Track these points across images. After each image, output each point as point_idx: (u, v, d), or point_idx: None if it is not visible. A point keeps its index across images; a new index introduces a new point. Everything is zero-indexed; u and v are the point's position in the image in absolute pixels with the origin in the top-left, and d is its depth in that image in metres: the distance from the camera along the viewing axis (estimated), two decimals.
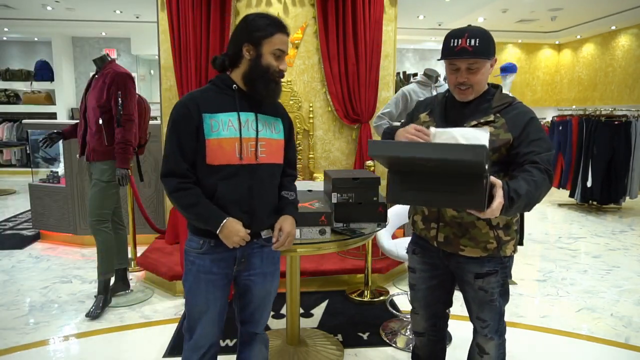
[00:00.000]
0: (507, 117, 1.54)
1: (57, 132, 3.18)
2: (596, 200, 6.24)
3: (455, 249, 1.64)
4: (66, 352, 2.58)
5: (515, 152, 1.51)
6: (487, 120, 1.55)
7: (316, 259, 3.53)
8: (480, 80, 1.57)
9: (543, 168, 1.45)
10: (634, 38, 8.17)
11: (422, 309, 1.84)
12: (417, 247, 1.81)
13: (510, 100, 1.60)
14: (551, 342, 2.73)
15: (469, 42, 1.50)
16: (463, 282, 1.71)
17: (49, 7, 7.38)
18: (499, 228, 1.60)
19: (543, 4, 7.29)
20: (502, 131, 1.53)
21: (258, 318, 1.79)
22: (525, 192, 1.37)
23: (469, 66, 1.53)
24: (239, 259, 1.63)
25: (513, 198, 1.35)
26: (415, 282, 1.83)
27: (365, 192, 2.15)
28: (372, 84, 3.89)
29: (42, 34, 9.03)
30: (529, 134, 1.50)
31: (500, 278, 1.65)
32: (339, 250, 2.83)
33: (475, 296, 1.69)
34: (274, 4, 3.85)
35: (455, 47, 1.53)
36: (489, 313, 1.69)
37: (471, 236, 1.60)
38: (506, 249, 1.63)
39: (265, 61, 1.54)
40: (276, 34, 1.54)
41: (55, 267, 3.90)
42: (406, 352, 2.56)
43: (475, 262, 1.64)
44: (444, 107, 1.69)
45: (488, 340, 1.72)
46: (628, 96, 8.29)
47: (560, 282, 3.70)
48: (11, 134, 8.80)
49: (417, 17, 8.07)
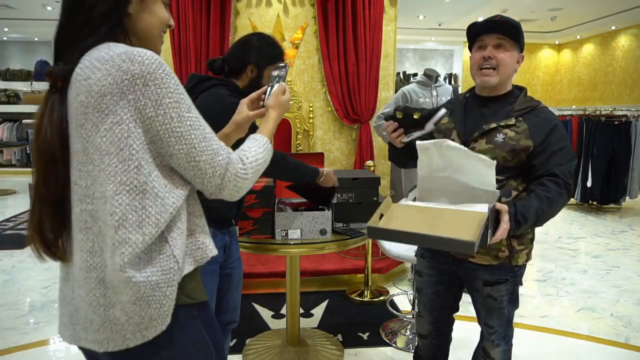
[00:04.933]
0: (530, 122, 1.47)
1: None
2: (596, 200, 6.24)
3: (465, 255, 1.60)
4: (66, 352, 2.58)
5: (533, 163, 1.46)
6: (507, 124, 1.49)
7: (316, 259, 3.53)
8: (506, 63, 1.49)
9: (562, 182, 1.42)
10: (634, 38, 8.17)
11: (428, 313, 1.81)
12: (426, 251, 1.77)
13: (535, 105, 1.52)
14: (551, 342, 2.73)
15: (499, 19, 1.49)
16: (472, 288, 1.68)
17: (49, 7, 7.38)
18: (513, 237, 1.54)
19: (543, 4, 7.29)
20: (523, 137, 1.46)
21: (234, 305, 1.83)
22: (534, 212, 1.35)
23: (498, 42, 1.49)
24: (227, 246, 1.71)
25: (519, 221, 1.34)
26: (422, 286, 1.79)
27: (365, 192, 2.15)
28: (372, 84, 3.89)
29: (42, 34, 9.04)
30: (550, 144, 1.45)
31: (510, 286, 1.61)
32: (339, 250, 2.83)
33: (483, 303, 1.65)
34: (274, 4, 3.85)
35: (484, 24, 1.51)
36: (497, 320, 1.65)
37: None
38: (518, 258, 1.57)
39: (263, 83, 1.67)
40: (277, 63, 1.68)
41: (56, 267, 3.88)
42: (406, 352, 2.56)
43: (485, 269, 1.59)
44: (464, 107, 1.63)
45: (494, 346, 1.70)
46: (628, 96, 8.29)
47: (560, 282, 3.70)
48: (11, 134, 8.81)
49: (417, 17, 8.08)
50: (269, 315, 2.99)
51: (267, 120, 1.16)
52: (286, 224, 1.98)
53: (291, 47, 3.88)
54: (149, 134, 0.88)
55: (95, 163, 0.86)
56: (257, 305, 3.12)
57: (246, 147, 1.02)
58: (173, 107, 0.88)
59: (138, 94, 0.85)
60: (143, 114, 0.86)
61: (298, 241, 2.00)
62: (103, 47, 0.89)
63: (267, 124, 1.14)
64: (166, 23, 1.03)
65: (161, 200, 0.89)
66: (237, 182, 0.96)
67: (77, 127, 0.87)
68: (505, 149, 1.47)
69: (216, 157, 0.93)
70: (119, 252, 0.85)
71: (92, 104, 0.85)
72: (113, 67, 0.85)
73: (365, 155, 3.91)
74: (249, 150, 1.01)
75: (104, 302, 0.89)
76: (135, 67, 0.85)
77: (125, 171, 0.86)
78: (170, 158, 0.91)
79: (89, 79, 0.85)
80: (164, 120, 0.88)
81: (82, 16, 0.91)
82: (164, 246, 0.92)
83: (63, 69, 0.90)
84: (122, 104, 0.85)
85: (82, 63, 0.88)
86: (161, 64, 0.88)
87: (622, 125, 5.99)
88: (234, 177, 0.96)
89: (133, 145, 0.86)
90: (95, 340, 0.91)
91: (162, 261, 0.91)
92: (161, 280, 0.90)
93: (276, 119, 1.17)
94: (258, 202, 1.95)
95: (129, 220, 0.86)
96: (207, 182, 0.94)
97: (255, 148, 1.03)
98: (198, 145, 0.91)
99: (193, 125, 0.91)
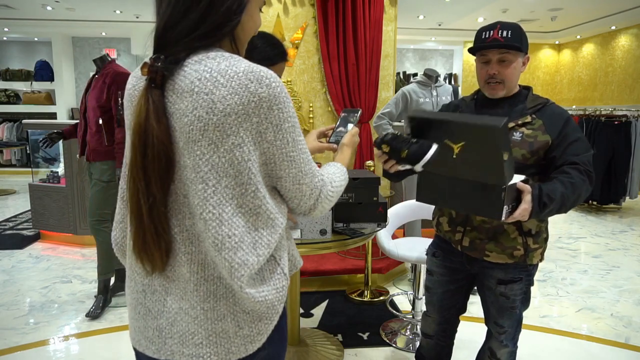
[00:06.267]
0: (544, 117, 1.50)
1: (57, 132, 3.19)
2: (596, 200, 6.24)
3: (480, 254, 1.58)
4: (66, 352, 2.58)
5: (552, 155, 1.47)
6: (524, 122, 1.50)
7: (316, 259, 3.53)
8: (512, 76, 1.53)
9: (583, 169, 1.41)
10: (634, 38, 8.17)
11: (436, 313, 1.79)
12: (438, 249, 1.75)
13: (545, 101, 1.56)
14: (551, 342, 2.73)
15: (500, 33, 1.48)
16: (484, 286, 1.66)
17: (49, 7, 7.38)
18: (529, 235, 1.54)
19: (543, 4, 7.29)
20: (540, 133, 1.48)
21: None
22: (560, 195, 1.34)
23: (501, 57, 1.51)
24: None
25: (545, 203, 1.32)
26: (432, 285, 1.78)
27: (365, 192, 2.15)
28: (372, 84, 3.89)
29: (42, 34, 9.03)
30: (567, 136, 1.46)
31: (523, 286, 1.60)
32: (339, 250, 2.83)
33: (495, 302, 1.63)
34: (274, 4, 3.85)
35: (486, 38, 1.51)
36: (508, 320, 1.64)
37: (498, 242, 1.55)
38: (533, 257, 1.57)
39: None
40: (279, 63, 1.62)
41: (55, 267, 3.90)
42: (406, 352, 2.56)
43: (500, 268, 1.58)
44: (474, 108, 1.63)
45: (502, 346, 1.69)
46: (628, 96, 8.29)
47: (560, 282, 3.70)
48: (11, 134, 8.81)
49: (417, 17, 8.07)
50: None
51: (344, 154, 1.20)
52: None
53: (291, 47, 3.88)
54: (264, 156, 0.87)
55: (209, 183, 0.83)
56: None
57: (332, 172, 1.04)
58: (290, 132, 0.87)
59: (262, 117, 0.83)
60: (263, 137, 0.85)
61: (298, 241, 1.99)
62: (219, 57, 0.84)
63: (344, 157, 1.19)
64: (257, 29, 0.98)
65: (272, 221, 0.89)
66: (325, 203, 0.98)
67: (188, 142, 0.82)
68: (524, 146, 1.48)
69: (314, 179, 0.94)
70: (238, 274, 0.85)
71: (214, 122, 0.80)
72: (240, 86, 0.81)
73: (365, 155, 3.91)
74: (334, 175, 1.03)
75: (213, 315, 0.88)
76: (263, 89, 0.82)
77: (243, 195, 0.85)
78: (278, 180, 0.91)
79: (212, 95, 0.80)
80: (282, 145, 0.87)
81: (197, 13, 0.85)
82: (273, 265, 0.93)
83: (166, 66, 0.84)
84: (245, 126, 0.82)
85: (196, 69, 0.83)
86: (283, 87, 0.86)
87: (622, 125, 5.99)
88: (325, 199, 0.97)
89: (252, 169, 0.85)
90: (194, 355, 0.89)
91: (274, 280, 0.92)
92: (275, 299, 0.92)
93: (350, 156, 1.23)
94: None
95: (245, 242, 0.85)
96: (303, 203, 0.95)
97: (339, 174, 1.05)
98: (304, 169, 0.92)
99: (302, 149, 0.91)
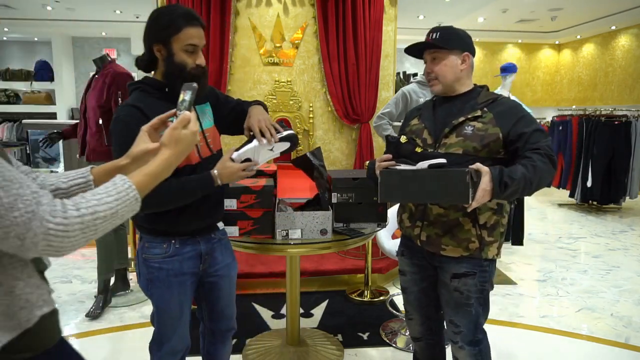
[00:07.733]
0: (495, 111, 1.56)
1: (57, 132, 3.18)
2: (596, 200, 6.25)
3: (437, 248, 1.62)
4: None
5: (514, 147, 1.52)
6: (474, 115, 1.57)
7: (316, 259, 3.53)
8: (443, 72, 1.63)
9: (544, 153, 1.45)
10: (634, 38, 8.17)
11: (416, 312, 1.81)
12: (404, 248, 1.79)
13: (496, 97, 1.63)
14: (551, 342, 2.73)
15: (431, 36, 1.64)
16: (441, 283, 1.68)
17: (49, 7, 7.38)
18: (484, 228, 1.57)
19: (543, 4, 7.29)
20: (490, 126, 1.54)
21: (230, 313, 1.80)
22: (522, 175, 1.38)
23: (432, 56, 1.65)
24: (204, 255, 1.62)
25: (507, 182, 1.35)
26: (407, 285, 1.80)
27: (365, 192, 2.15)
28: (372, 84, 3.89)
29: (42, 34, 9.03)
30: (523, 129, 1.51)
31: (478, 282, 1.61)
32: (339, 250, 2.83)
33: (450, 298, 1.64)
34: (274, 4, 3.85)
35: (417, 46, 1.69)
36: (463, 318, 1.63)
37: (454, 235, 1.59)
38: (488, 252, 1.59)
39: (178, 59, 1.42)
40: (183, 28, 1.40)
41: (55, 267, 3.90)
42: (406, 352, 2.56)
43: (455, 262, 1.61)
44: (432, 108, 1.72)
45: (459, 349, 1.68)
46: (628, 96, 8.29)
47: (560, 282, 3.70)
48: (11, 134, 8.80)
49: (417, 17, 8.07)
50: (269, 315, 2.99)
51: (155, 160, 0.91)
52: (286, 223, 1.98)
53: (291, 47, 3.88)
54: None
55: None
56: (257, 305, 3.12)
57: (88, 196, 0.82)
58: None
59: None
60: None
61: (298, 241, 1.99)
62: None
63: (151, 165, 0.90)
64: None
65: None
66: (51, 241, 0.76)
67: None
68: (475, 139, 1.54)
69: (10, 213, 0.74)
70: None
71: None
72: None
73: (365, 155, 3.91)
74: (87, 201, 0.81)
75: None
76: None
77: None
78: None
79: None
80: None
81: None
82: None
83: None
84: None
85: None
86: None
87: (622, 125, 5.99)
88: (44, 235, 0.76)
89: None
90: None
91: None
92: None
93: (167, 160, 0.91)
94: (258, 201, 1.94)
95: None
96: (6, 245, 0.76)
97: (103, 197, 0.82)
98: None
99: None
